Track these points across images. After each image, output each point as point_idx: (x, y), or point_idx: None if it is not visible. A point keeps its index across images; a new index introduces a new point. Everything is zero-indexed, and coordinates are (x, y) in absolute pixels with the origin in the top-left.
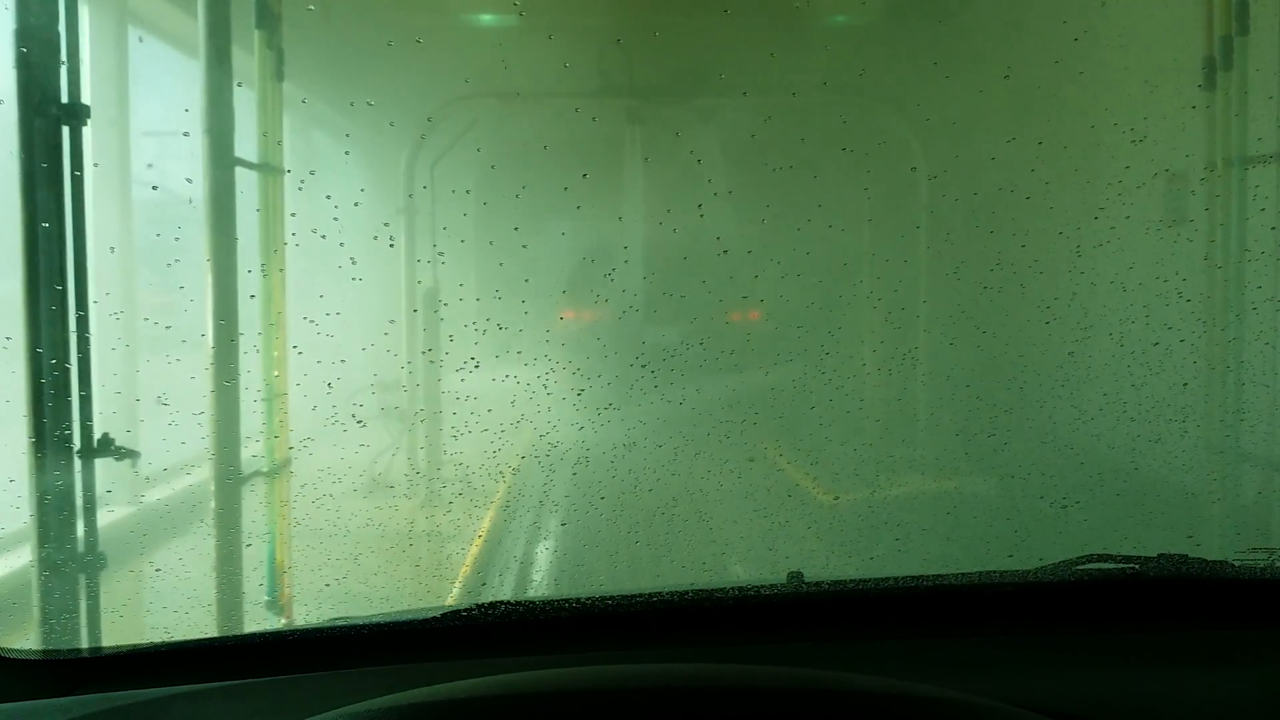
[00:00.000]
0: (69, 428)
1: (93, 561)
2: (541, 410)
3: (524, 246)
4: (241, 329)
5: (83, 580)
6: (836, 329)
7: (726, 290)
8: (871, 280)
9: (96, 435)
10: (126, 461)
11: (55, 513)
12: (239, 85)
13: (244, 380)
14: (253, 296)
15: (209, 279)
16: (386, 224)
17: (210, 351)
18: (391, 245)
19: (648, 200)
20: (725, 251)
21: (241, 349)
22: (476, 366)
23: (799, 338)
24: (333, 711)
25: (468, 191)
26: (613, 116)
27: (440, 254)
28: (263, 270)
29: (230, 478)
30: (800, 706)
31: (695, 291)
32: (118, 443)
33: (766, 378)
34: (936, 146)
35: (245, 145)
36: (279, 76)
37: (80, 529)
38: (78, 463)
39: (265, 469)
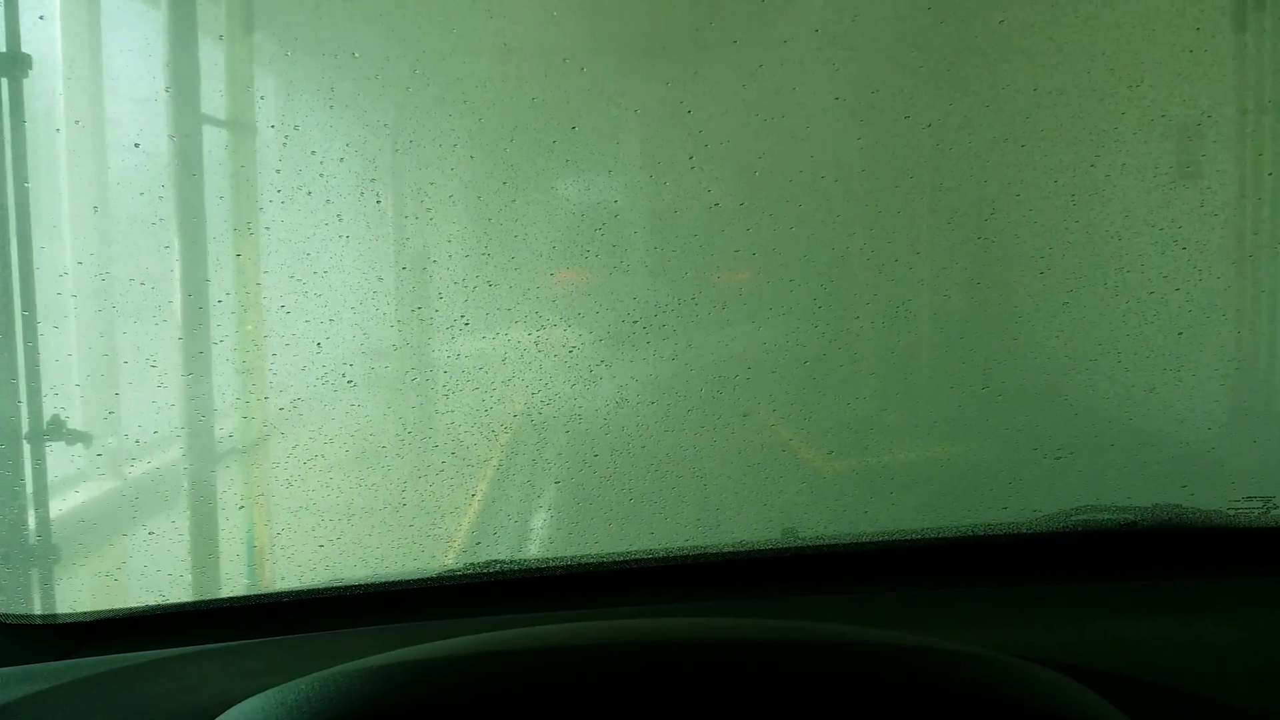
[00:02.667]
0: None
1: (83, 526)
2: (533, 368)
3: (513, 201)
4: (219, 296)
5: (74, 545)
6: (829, 281)
7: (719, 243)
8: (865, 232)
9: (47, 417)
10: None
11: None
12: (220, 37)
13: (221, 350)
14: (239, 255)
15: (177, 245)
16: (374, 179)
17: (180, 322)
18: (379, 202)
19: (637, 153)
20: (717, 204)
21: (216, 319)
22: (466, 324)
23: (792, 291)
24: (332, 669)
25: (455, 146)
26: (601, 66)
27: (428, 210)
28: (249, 229)
29: (206, 451)
30: (790, 658)
31: (687, 245)
32: (70, 424)
33: (759, 331)
34: (930, 94)
35: (216, 100)
36: (249, 27)
37: (64, 497)
38: (28, 445)
39: (241, 445)
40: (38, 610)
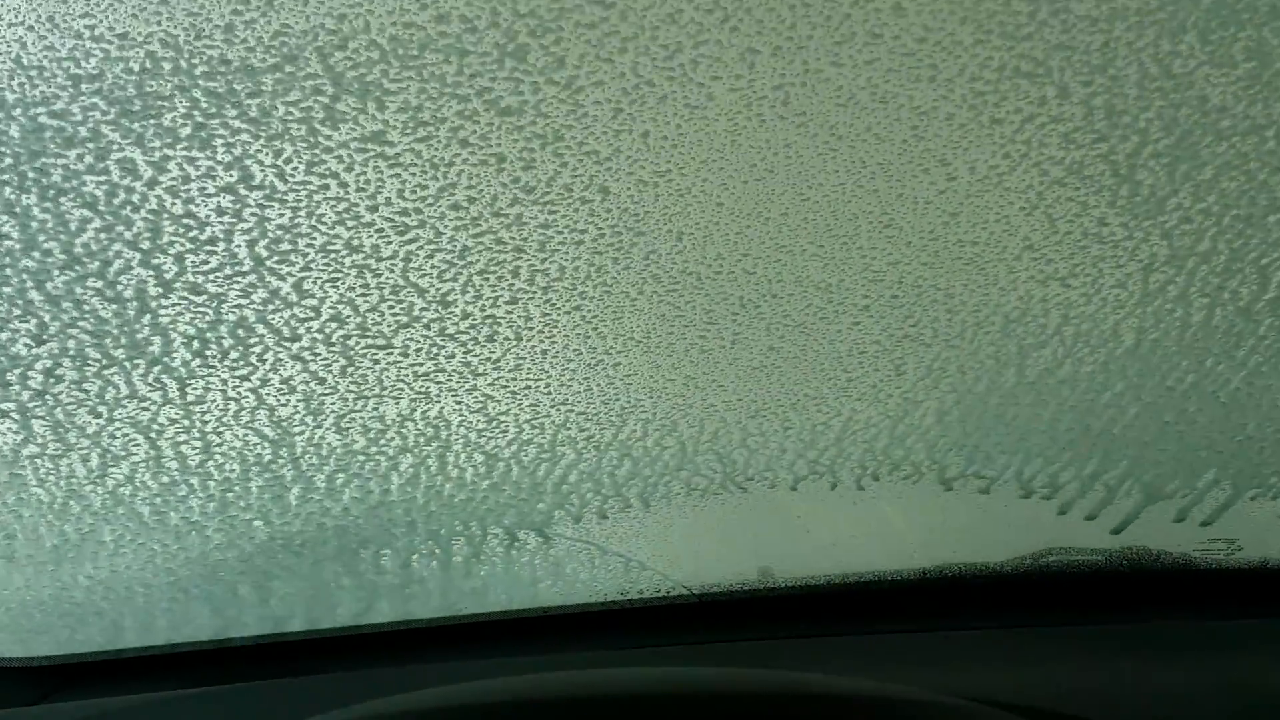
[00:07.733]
0: None
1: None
2: (525, 402)
3: (489, 216)
4: None
5: (53, 585)
6: (830, 300)
7: (723, 261)
8: (879, 263)
9: None
10: None
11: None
12: None
13: None
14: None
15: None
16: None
17: None
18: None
19: (644, 168)
20: (722, 219)
21: None
22: (449, 346)
23: (791, 316)
24: (325, 715)
25: (435, 163)
26: (607, 71)
27: (400, 222)
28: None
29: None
30: (765, 709)
31: (689, 263)
32: None
33: (750, 361)
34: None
35: None
36: None
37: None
38: None
39: None
40: (13, 653)
